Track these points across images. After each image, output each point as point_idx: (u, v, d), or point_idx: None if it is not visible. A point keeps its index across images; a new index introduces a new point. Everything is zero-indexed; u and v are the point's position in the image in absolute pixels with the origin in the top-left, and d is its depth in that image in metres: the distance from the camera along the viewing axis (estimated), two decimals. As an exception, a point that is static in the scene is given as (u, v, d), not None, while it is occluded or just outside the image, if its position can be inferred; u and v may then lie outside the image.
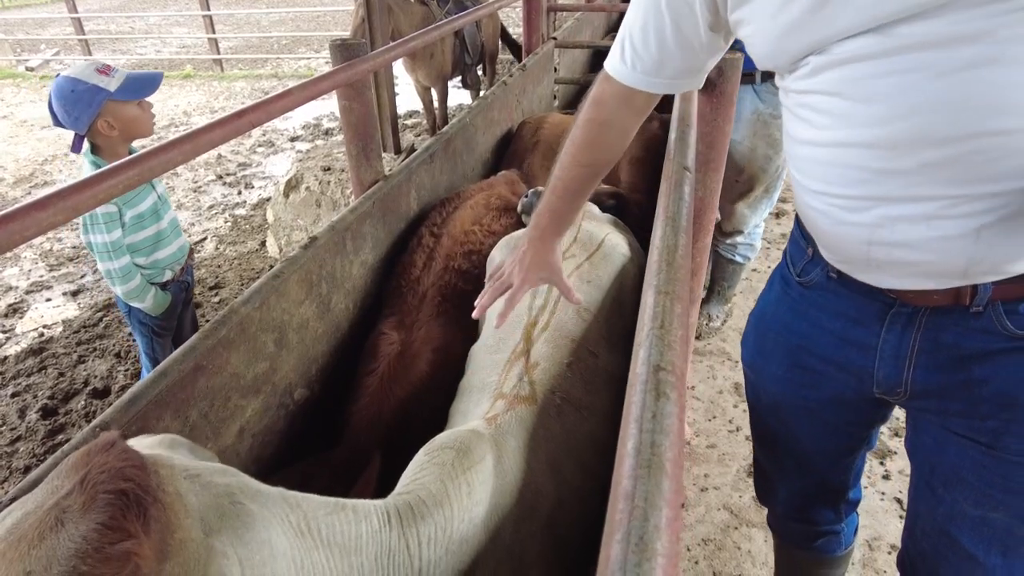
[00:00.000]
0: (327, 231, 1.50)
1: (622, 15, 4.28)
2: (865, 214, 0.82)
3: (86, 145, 1.84)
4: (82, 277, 4.03)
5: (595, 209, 1.77)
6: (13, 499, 0.79)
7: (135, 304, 1.95)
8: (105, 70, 1.79)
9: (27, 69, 10.53)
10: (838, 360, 0.99)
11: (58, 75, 1.79)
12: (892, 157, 0.76)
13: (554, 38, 3.81)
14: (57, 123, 1.81)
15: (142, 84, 1.83)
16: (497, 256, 1.53)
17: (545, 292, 1.35)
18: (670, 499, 0.38)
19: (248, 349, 1.27)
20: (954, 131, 0.71)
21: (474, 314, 1.17)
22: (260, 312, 1.29)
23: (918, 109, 0.72)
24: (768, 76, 2.14)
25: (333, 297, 1.55)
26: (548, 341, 1.24)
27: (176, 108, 7.86)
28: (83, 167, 1.86)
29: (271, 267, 4.22)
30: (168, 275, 2.03)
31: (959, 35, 0.67)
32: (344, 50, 1.60)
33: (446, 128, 2.24)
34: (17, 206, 0.81)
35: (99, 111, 1.76)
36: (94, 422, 0.97)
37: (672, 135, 1.08)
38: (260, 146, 6.45)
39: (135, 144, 2.00)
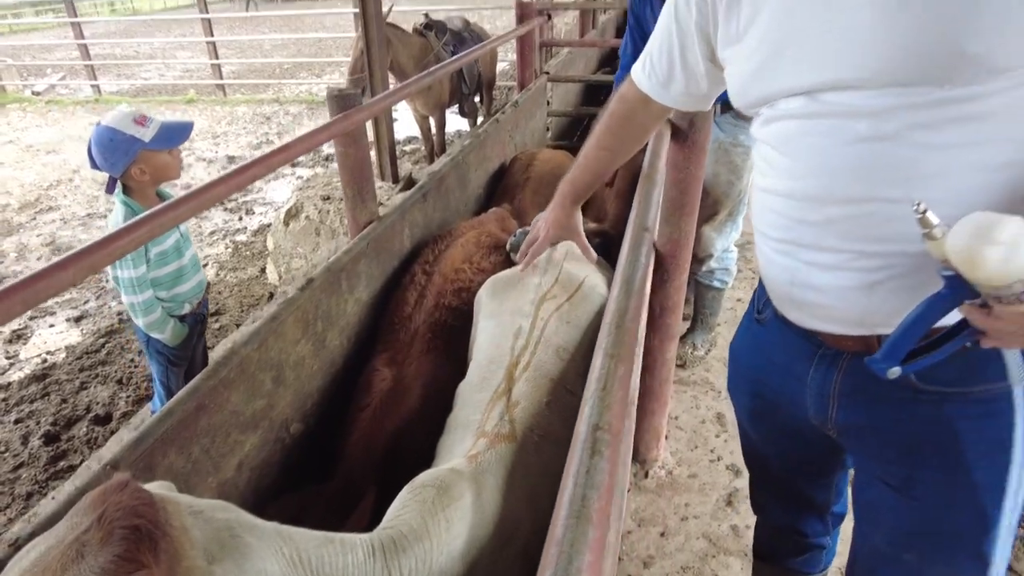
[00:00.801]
0: (323, 272, 1.60)
1: (614, 50, 4.45)
2: (788, 257, 0.92)
3: (119, 186, 1.96)
4: (85, 303, 4.11)
5: (577, 249, 1.86)
6: (33, 535, 0.88)
7: (155, 335, 2.05)
8: (142, 120, 1.90)
9: (33, 93, 10.71)
10: (787, 393, 1.08)
11: (98, 123, 1.91)
12: (805, 209, 0.87)
13: (547, 72, 3.94)
14: (95, 166, 1.93)
15: (174, 134, 1.95)
16: (484, 296, 1.62)
17: (527, 333, 1.44)
18: (593, 546, 0.46)
19: (247, 387, 1.35)
20: (853, 193, 0.81)
21: (520, 268, 1.61)
22: (259, 352, 1.38)
23: (826, 169, 0.83)
24: (727, 108, 2.25)
25: (328, 334, 1.64)
26: (529, 380, 1.32)
27: (179, 133, 7.99)
28: (116, 206, 1.98)
29: (271, 294, 4.31)
30: (187, 308, 2.14)
31: (868, 110, 0.78)
32: (341, 100, 1.70)
33: (439, 166, 2.34)
34: (40, 268, 0.90)
35: (134, 159, 1.88)
36: (105, 460, 1.05)
37: (638, 193, 1.17)
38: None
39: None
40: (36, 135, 8.21)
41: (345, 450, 1.49)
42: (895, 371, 0.77)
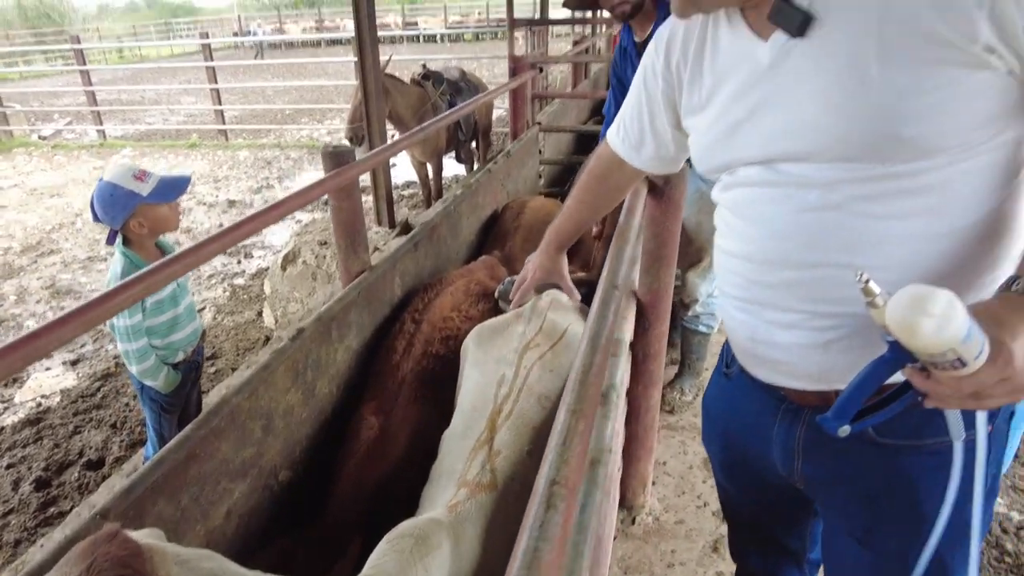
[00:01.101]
0: (314, 322, 1.65)
1: (602, 101, 4.55)
2: (749, 315, 0.98)
3: (119, 238, 2.04)
4: (82, 346, 4.15)
5: (563, 298, 1.92)
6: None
7: (148, 382, 2.10)
8: (141, 176, 1.99)
9: (40, 138, 10.94)
10: (756, 446, 1.12)
11: (100, 178, 2.00)
12: (762, 271, 0.93)
13: (539, 123, 4.06)
14: (96, 219, 2.01)
15: (172, 188, 2.03)
16: (470, 344, 1.67)
17: (510, 381, 1.48)
18: (542, 597, 0.50)
19: (237, 436, 1.39)
20: (805, 258, 0.87)
21: (511, 307, 1.73)
22: (249, 401, 1.42)
23: (780, 235, 0.89)
24: None
25: (318, 383, 1.68)
26: (511, 429, 1.36)
27: (181, 177, 8.14)
28: (115, 257, 2.05)
29: (266, 338, 4.34)
30: (181, 356, 2.18)
31: (818, 181, 0.84)
32: (335, 157, 1.78)
33: (431, 215, 2.42)
34: (41, 325, 0.95)
35: (133, 212, 1.96)
36: (96, 508, 1.09)
37: (611, 249, 1.23)
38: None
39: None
40: (41, 179, 8.36)
41: (332, 498, 1.52)
42: (845, 429, 0.82)
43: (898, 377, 0.77)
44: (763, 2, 0.84)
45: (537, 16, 9.13)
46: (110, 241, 2.04)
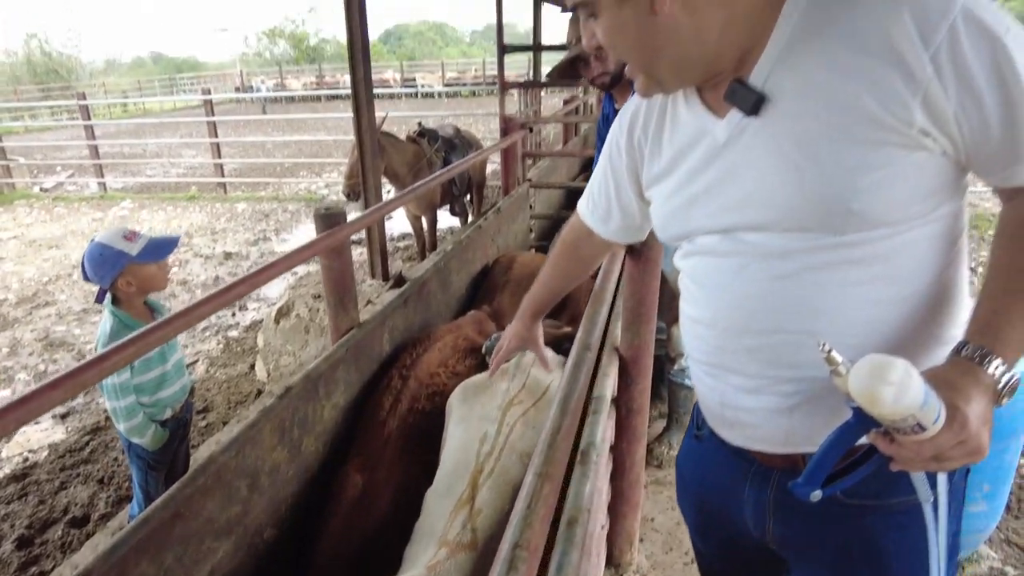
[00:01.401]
0: (301, 380, 1.68)
1: (590, 159, 4.68)
2: (716, 380, 1.02)
3: (108, 297, 2.08)
4: (72, 399, 4.14)
5: (549, 353, 1.96)
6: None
7: (135, 440, 2.11)
8: (131, 236, 2.05)
9: (42, 190, 11.10)
10: (728, 508, 1.14)
11: (93, 239, 2.06)
12: (725, 337, 0.97)
13: (529, 180, 4.17)
14: (86, 278, 2.06)
15: (160, 248, 2.09)
16: (455, 401, 1.70)
17: (492, 439, 1.51)
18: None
19: (223, 495, 1.40)
20: (766, 325, 0.92)
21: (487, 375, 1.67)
22: (236, 460, 1.44)
23: (740, 303, 0.94)
24: None
25: (304, 440, 1.70)
26: (492, 488, 1.38)
27: (179, 229, 8.24)
28: (104, 316, 2.10)
29: (259, 392, 4.34)
30: (168, 413, 2.20)
31: (775, 251, 0.89)
32: (327, 219, 1.84)
33: (421, 271, 2.48)
34: (32, 388, 0.99)
35: (121, 271, 2.01)
36: (78, 570, 1.10)
37: (586, 312, 1.28)
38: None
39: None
40: (40, 230, 8.46)
41: (316, 556, 1.52)
42: (817, 494, 0.85)
43: (865, 440, 0.81)
44: (719, 83, 0.90)
45: (530, 75, 9.43)
46: (99, 300, 2.09)
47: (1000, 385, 0.74)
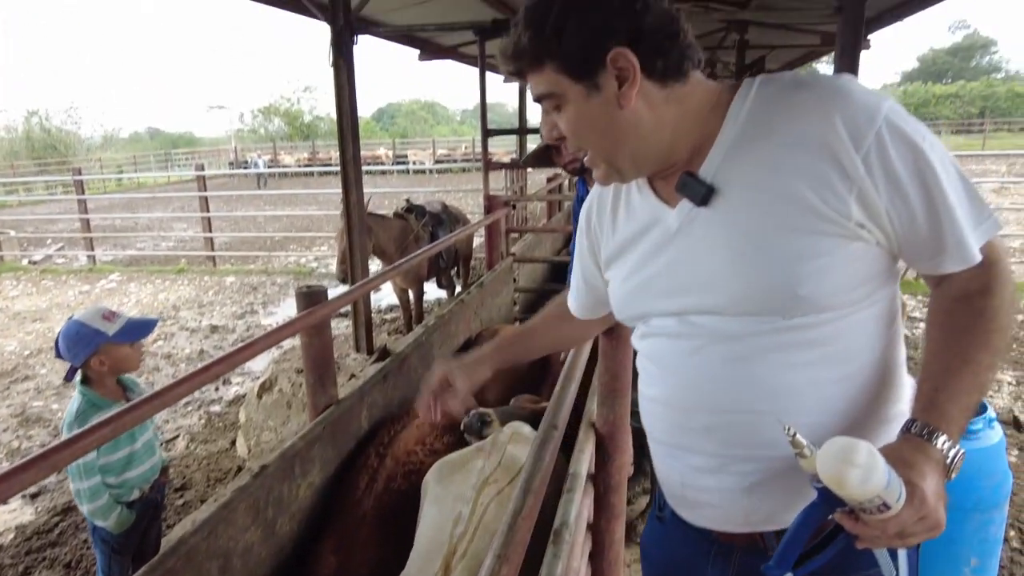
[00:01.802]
0: (277, 458, 1.68)
1: (571, 234, 4.74)
2: (678, 460, 1.04)
3: (79, 375, 2.08)
4: (45, 478, 4.03)
5: (525, 429, 1.97)
6: None
7: (98, 522, 2.06)
8: (109, 316, 2.08)
9: (30, 263, 11.12)
10: None
11: (71, 317, 2.08)
12: (684, 417, 1.00)
13: (512, 254, 4.27)
14: (59, 356, 2.06)
15: (138, 328, 2.11)
16: (430, 479, 1.70)
17: (466, 520, 1.51)
18: None
19: (191, 578, 1.38)
20: (721, 405, 0.95)
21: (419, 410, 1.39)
22: (207, 541, 1.42)
23: (696, 384, 0.97)
24: None
25: (279, 520, 1.68)
26: (465, 570, 1.37)
27: (166, 302, 8.25)
28: (75, 395, 2.09)
29: (239, 468, 4.26)
30: (136, 494, 2.15)
31: (728, 333, 0.94)
32: (308, 297, 1.89)
33: (402, 347, 2.51)
34: (4, 469, 1.00)
35: (95, 350, 2.02)
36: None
37: (555, 392, 1.31)
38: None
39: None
40: (25, 303, 8.42)
41: (285, 644, 1.48)
42: None
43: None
44: (671, 175, 0.97)
45: (518, 153, 9.76)
46: (68, 378, 2.09)
47: (948, 460, 0.79)
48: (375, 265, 5.62)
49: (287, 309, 7.63)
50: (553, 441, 1.10)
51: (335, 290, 2.39)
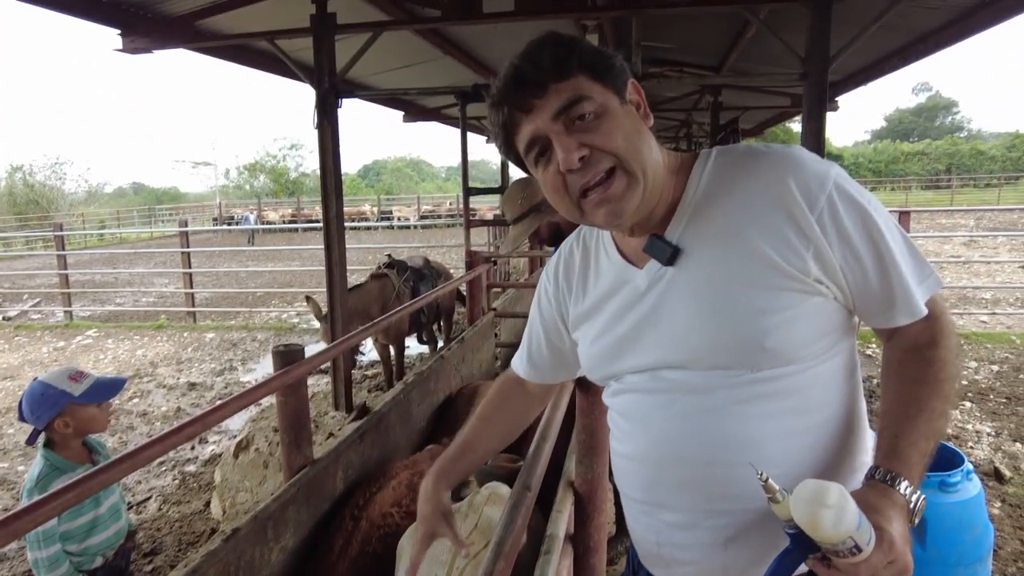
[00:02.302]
0: (249, 521, 1.64)
1: None
2: (652, 517, 1.05)
3: (42, 438, 2.02)
4: (3, 546, 3.88)
5: (503, 490, 1.95)
6: None
7: None
8: (76, 376, 2.03)
9: (4, 319, 10.94)
10: None
11: (35, 378, 2.04)
12: (657, 473, 1.01)
13: (494, 309, 4.29)
14: (21, 419, 2.00)
15: (106, 389, 2.06)
16: (405, 543, 1.66)
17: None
18: None
19: (153, 652, 1.33)
20: (695, 458, 0.97)
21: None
22: (171, 611, 1.38)
23: (669, 438, 0.99)
24: None
25: (249, 587, 1.63)
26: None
27: (144, 358, 8.12)
28: (36, 459, 2.02)
29: (212, 531, 4.13)
30: (99, 561, 2.07)
31: (698, 387, 0.97)
32: (284, 356, 1.88)
33: (380, 404, 2.48)
34: (-36, 539, 0.97)
35: (59, 412, 1.97)
36: None
37: (531, 450, 1.31)
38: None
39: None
40: (-4, 360, 8.25)
41: None
42: None
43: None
44: (639, 234, 1.01)
45: (501, 212, 9.90)
46: (30, 442, 2.02)
47: (912, 505, 0.82)
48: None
49: (267, 366, 7.54)
50: (526, 502, 1.10)
51: (314, 347, 2.37)
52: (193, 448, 5.34)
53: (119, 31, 4.49)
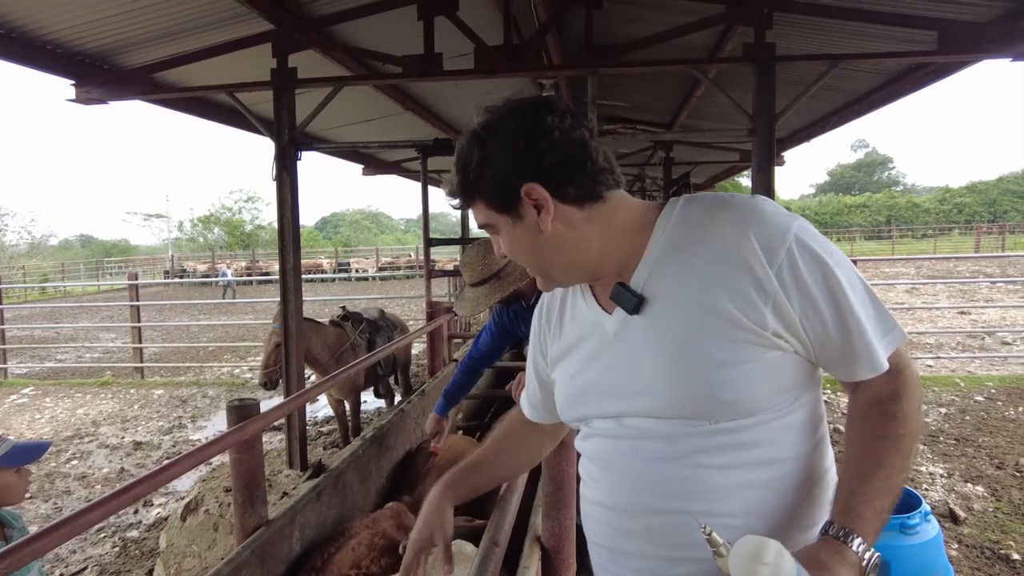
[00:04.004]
0: (198, 590, 1.54)
1: (518, 339, 4.75)
2: (616, 565, 1.03)
3: None
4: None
5: (467, 548, 1.89)
6: None
7: None
8: None
9: (-68, 379, 10.30)
10: None
11: None
12: (621, 519, 1.01)
13: (455, 360, 4.24)
14: None
15: (26, 453, 1.88)
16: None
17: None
18: None
19: None
20: (657, 505, 0.97)
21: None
22: None
23: (634, 485, 0.99)
24: None
25: (195, 662, 1.52)
26: None
27: (85, 417, 7.73)
28: None
29: (151, 606, 3.86)
30: None
31: (661, 435, 0.97)
32: (240, 411, 1.81)
33: (337, 462, 2.40)
34: None
35: None
36: None
37: (498, 502, 1.28)
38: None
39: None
40: (-83, 418, 7.74)
41: None
42: None
43: None
44: (607, 284, 1.03)
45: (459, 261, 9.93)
46: None
47: (865, 563, 0.81)
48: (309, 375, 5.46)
49: (218, 423, 7.25)
50: (495, 558, 1.06)
51: (269, 402, 2.30)
52: (137, 512, 5.04)
53: (73, 82, 4.43)
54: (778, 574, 0.73)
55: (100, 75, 4.52)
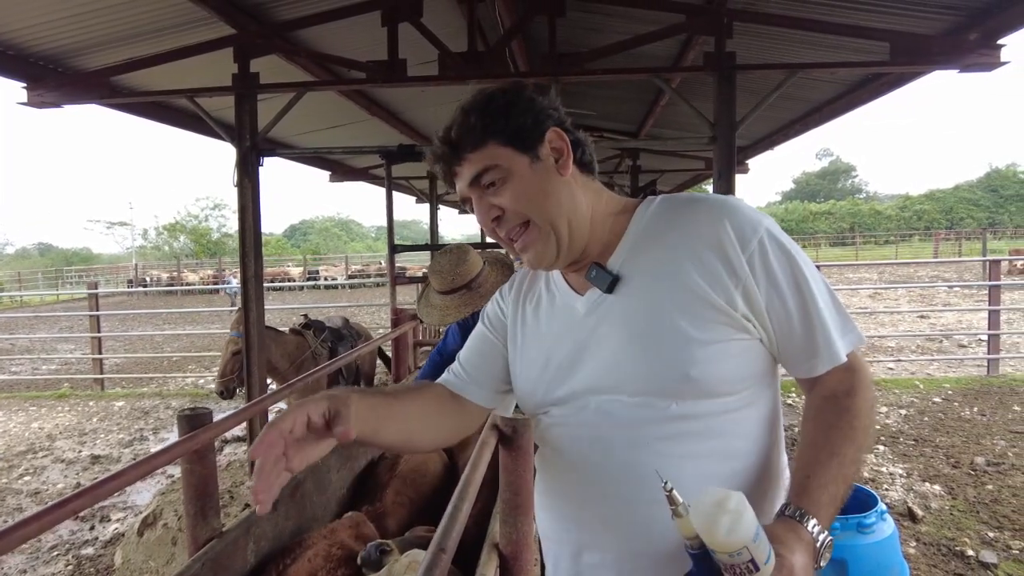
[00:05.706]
0: (143, 606, 1.50)
1: None
2: (575, 561, 1.04)
3: None
4: None
5: (422, 555, 1.86)
6: None
7: None
8: None
9: None
10: None
11: None
12: (580, 511, 1.02)
13: (420, 367, 4.21)
14: None
15: None
16: None
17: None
18: None
19: None
20: (619, 494, 0.97)
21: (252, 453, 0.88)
22: None
23: (594, 473, 1.00)
24: None
25: None
26: None
27: (40, 431, 7.48)
28: None
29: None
30: None
31: (625, 420, 0.98)
32: (191, 420, 1.76)
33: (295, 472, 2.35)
34: None
35: None
36: None
37: (449, 509, 1.26)
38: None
39: None
40: None
41: None
42: None
43: None
44: (581, 268, 1.06)
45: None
46: None
47: (818, 544, 0.84)
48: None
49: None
50: (441, 565, 1.04)
51: (225, 412, 2.25)
52: (93, 528, 4.89)
53: (24, 84, 4.31)
54: (739, 520, 0.75)
55: (54, 78, 4.40)
